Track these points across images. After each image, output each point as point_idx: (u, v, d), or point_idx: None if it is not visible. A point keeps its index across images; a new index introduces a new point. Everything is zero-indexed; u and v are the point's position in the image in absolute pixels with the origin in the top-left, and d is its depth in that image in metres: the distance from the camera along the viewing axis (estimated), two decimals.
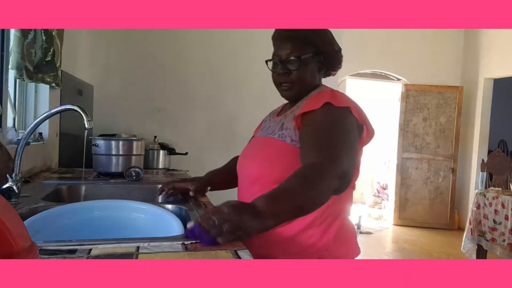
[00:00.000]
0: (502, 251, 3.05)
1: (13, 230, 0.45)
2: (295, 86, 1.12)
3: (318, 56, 1.12)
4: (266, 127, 1.20)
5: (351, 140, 0.99)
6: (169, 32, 3.26)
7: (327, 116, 1.00)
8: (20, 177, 1.23)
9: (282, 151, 1.06)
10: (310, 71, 1.13)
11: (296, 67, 1.10)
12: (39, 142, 1.96)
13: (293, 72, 1.10)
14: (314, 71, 1.14)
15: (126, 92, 3.23)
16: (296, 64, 1.09)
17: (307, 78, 1.12)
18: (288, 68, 1.10)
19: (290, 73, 1.10)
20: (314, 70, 1.14)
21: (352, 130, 1.01)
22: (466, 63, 5.21)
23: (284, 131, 1.08)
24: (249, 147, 1.23)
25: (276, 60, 1.12)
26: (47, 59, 1.82)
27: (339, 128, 0.99)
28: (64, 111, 1.34)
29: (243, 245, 0.82)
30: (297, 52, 1.09)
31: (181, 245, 0.81)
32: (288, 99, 1.19)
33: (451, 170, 5.10)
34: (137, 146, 1.96)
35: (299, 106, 1.11)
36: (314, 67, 1.14)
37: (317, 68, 1.15)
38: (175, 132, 3.25)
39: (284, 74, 1.11)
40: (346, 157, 0.93)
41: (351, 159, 0.95)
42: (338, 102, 1.02)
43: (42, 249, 0.74)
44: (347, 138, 0.98)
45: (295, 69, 1.10)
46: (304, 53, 1.09)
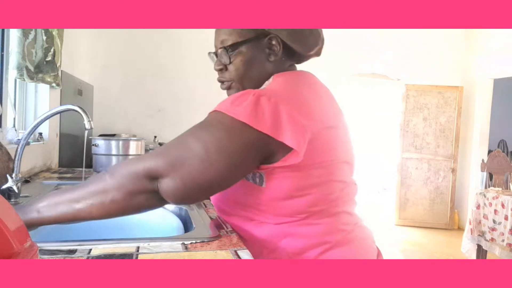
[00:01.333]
0: (501, 251, 3.05)
1: (13, 230, 0.45)
2: (236, 83, 0.89)
3: (264, 38, 0.86)
4: None
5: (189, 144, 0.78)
6: (169, 32, 3.26)
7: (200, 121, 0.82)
8: (20, 177, 1.23)
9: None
10: (251, 62, 0.87)
11: (227, 60, 0.88)
12: (39, 142, 1.96)
13: (228, 66, 0.89)
14: (259, 61, 0.88)
15: (126, 92, 3.23)
16: (227, 56, 0.87)
17: (248, 70, 0.88)
18: (222, 62, 0.89)
19: (226, 69, 0.89)
20: (258, 59, 0.88)
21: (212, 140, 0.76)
22: (466, 63, 5.21)
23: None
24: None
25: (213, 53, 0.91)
26: (47, 59, 1.82)
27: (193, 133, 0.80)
28: (64, 111, 1.34)
29: (243, 245, 0.83)
30: (231, 39, 0.86)
31: (181, 245, 0.81)
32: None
33: (451, 170, 5.10)
34: (137, 146, 1.96)
35: None
36: (259, 54, 0.87)
37: (265, 56, 0.88)
38: (175, 132, 3.23)
39: (220, 70, 0.91)
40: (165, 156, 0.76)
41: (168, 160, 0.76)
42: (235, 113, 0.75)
43: (42, 249, 0.74)
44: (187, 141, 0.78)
45: (229, 62, 0.88)
46: (239, 39, 0.85)
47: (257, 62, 0.88)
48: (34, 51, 1.75)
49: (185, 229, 0.99)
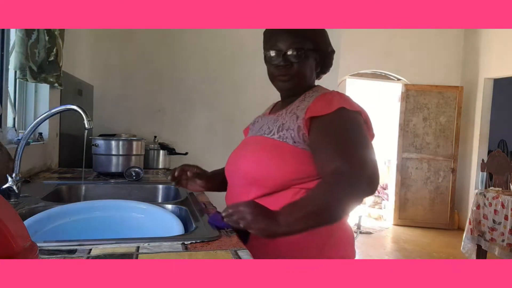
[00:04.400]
0: (501, 251, 3.05)
1: (13, 230, 0.45)
2: (295, 79, 1.09)
3: (316, 53, 1.11)
4: (259, 127, 1.16)
5: (368, 141, 0.97)
6: (169, 32, 3.26)
7: (345, 120, 0.98)
8: (20, 177, 1.23)
9: (284, 153, 1.01)
10: (310, 66, 1.11)
11: (298, 59, 1.08)
12: (39, 142, 1.96)
13: (294, 64, 1.08)
14: (312, 67, 1.13)
15: (126, 92, 3.23)
16: (298, 57, 1.07)
17: (307, 72, 1.11)
18: (289, 60, 1.08)
19: (291, 66, 1.08)
20: (312, 66, 1.13)
21: (365, 132, 0.99)
22: (466, 63, 5.21)
23: (285, 132, 1.03)
24: (242, 148, 1.17)
25: (275, 52, 1.09)
26: (50, 59, 1.82)
27: (359, 132, 0.97)
28: (64, 111, 1.34)
29: (243, 245, 0.83)
30: (299, 44, 1.07)
31: (181, 245, 0.81)
32: (285, 91, 1.15)
33: (451, 170, 5.10)
34: (137, 146, 1.96)
35: (299, 107, 1.07)
36: (312, 63, 1.12)
37: (314, 65, 1.13)
38: (175, 132, 3.25)
39: (285, 66, 1.08)
40: (371, 160, 0.91)
41: (375, 162, 0.92)
42: (352, 106, 1.00)
43: (42, 249, 0.74)
44: (368, 141, 0.96)
45: (297, 61, 1.08)
46: (305, 46, 1.08)
47: (312, 68, 1.13)
48: (37, 51, 1.75)
49: (185, 229, 0.99)
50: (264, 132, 1.10)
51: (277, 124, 1.07)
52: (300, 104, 1.08)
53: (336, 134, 0.95)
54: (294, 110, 1.07)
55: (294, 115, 1.05)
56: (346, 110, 0.98)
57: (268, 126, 1.10)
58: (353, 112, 0.99)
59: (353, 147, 0.93)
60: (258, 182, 1.03)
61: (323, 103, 1.01)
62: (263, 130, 1.11)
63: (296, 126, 1.02)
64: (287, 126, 1.04)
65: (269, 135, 1.07)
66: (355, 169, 0.87)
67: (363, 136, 0.97)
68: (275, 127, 1.07)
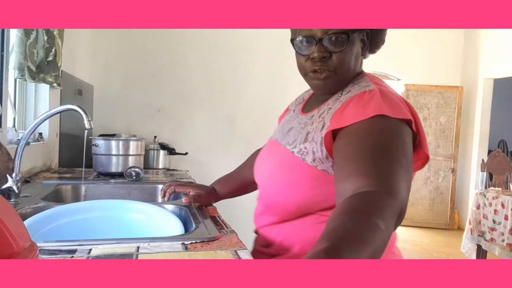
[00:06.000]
0: (501, 251, 3.05)
1: (13, 230, 0.45)
2: (335, 75, 0.83)
3: (362, 32, 0.85)
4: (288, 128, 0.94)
5: (410, 165, 0.71)
6: (169, 32, 3.26)
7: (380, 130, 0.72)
8: (20, 177, 1.23)
9: (300, 175, 0.82)
10: (356, 53, 0.85)
11: (339, 47, 0.81)
12: (39, 142, 1.96)
13: (334, 54, 0.82)
14: (358, 53, 0.86)
15: (126, 92, 3.23)
16: (339, 44, 0.81)
17: (351, 63, 0.84)
18: (327, 50, 0.81)
19: (330, 57, 0.82)
20: (359, 51, 0.86)
21: (410, 151, 0.74)
22: (466, 63, 5.21)
23: (307, 144, 0.82)
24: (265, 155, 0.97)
25: (306, 39, 0.82)
26: (48, 59, 1.82)
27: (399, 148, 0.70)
28: (64, 111, 1.34)
29: (243, 245, 0.83)
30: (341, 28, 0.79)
31: (181, 245, 0.81)
32: (323, 92, 0.88)
33: (451, 170, 5.10)
34: (137, 146, 1.96)
35: (330, 109, 0.83)
36: (359, 47, 0.85)
37: (360, 49, 0.87)
38: (175, 132, 3.25)
39: (321, 59, 0.82)
40: (406, 187, 0.66)
41: (409, 189, 0.68)
42: (396, 113, 0.74)
43: (42, 249, 0.74)
44: (408, 163, 0.70)
45: (338, 50, 0.81)
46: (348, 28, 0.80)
47: (358, 55, 0.86)
48: (36, 51, 1.75)
49: (185, 229, 0.99)
50: (289, 141, 0.88)
51: (304, 132, 0.86)
52: (333, 104, 0.84)
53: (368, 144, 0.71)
54: (324, 114, 0.84)
55: (322, 122, 0.83)
56: (386, 119, 0.73)
57: (295, 132, 0.89)
58: (396, 121, 0.73)
59: (387, 166, 0.67)
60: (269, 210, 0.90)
61: (355, 108, 0.77)
62: (289, 138, 0.89)
63: (320, 139, 0.80)
64: (311, 137, 0.83)
65: (291, 146, 0.86)
66: (383, 194, 0.62)
67: (403, 153, 0.70)
68: (300, 135, 0.86)
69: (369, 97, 0.77)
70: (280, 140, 0.93)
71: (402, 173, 0.67)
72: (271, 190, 0.88)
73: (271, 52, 3.45)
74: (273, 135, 1.00)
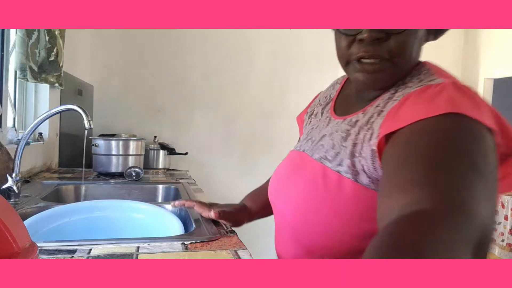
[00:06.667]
0: (501, 251, 3.05)
1: (13, 230, 0.45)
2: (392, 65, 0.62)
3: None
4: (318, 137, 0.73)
5: (494, 175, 0.50)
6: (169, 32, 3.26)
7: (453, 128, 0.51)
8: (20, 177, 1.23)
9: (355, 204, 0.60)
10: (419, 37, 0.64)
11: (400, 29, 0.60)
12: (39, 142, 1.96)
13: (393, 36, 0.61)
14: (421, 38, 0.65)
15: (126, 92, 3.23)
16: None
17: (412, 50, 0.63)
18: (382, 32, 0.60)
19: (386, 39, 0.61)
20: (422, 35, 0.64)
21: (494, 159, 0.51)
22: (466, 63, 5.21)
23: (357, 161, 0.61)
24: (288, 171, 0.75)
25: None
26: (50, 59, 1.82)
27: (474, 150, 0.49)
28: (64, 111, 1.34)
29: (243, 245, 0.83)
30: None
31: (181, 245, 0.81)
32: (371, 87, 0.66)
33: None
34: (137, 146, 1.97)
35: (382, 111, 0.62)
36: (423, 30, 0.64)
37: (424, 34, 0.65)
38: (175, 132, 3.25)
39: (374, 40, 0.61)
40: (488, 204, 0.45)
41: (493, 208, 0.47)
42: (476, 113, 0.53)
43: (42, 249, 0.74)
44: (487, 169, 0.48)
45: (397, 32, 0.60)
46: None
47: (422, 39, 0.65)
48: (37, 52, 1.75)
49: (185, 229, 0.99)
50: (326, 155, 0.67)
51: (349, 144, 0.65)
52: (385, 105, 0.63)
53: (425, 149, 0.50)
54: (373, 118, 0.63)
55: (370, 130, 0.62)
56: (461, 118, 0.52)
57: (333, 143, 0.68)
58: (476, 123, 0.52)
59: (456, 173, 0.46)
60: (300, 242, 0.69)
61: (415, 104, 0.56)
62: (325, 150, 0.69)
63: (369, 152, 0.60)
64: (359, 150, 0.62)
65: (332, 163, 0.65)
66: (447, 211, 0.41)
67: (483, 159, 0.49)
68: (344, 149, 0.65)
69: (436, 90, 0.56)
70: (311, 153, 0.72)
71: (480, 183, 0.46)
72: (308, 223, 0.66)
73: (271, 51, 3.45)
74: (297, 145, 0.81)
